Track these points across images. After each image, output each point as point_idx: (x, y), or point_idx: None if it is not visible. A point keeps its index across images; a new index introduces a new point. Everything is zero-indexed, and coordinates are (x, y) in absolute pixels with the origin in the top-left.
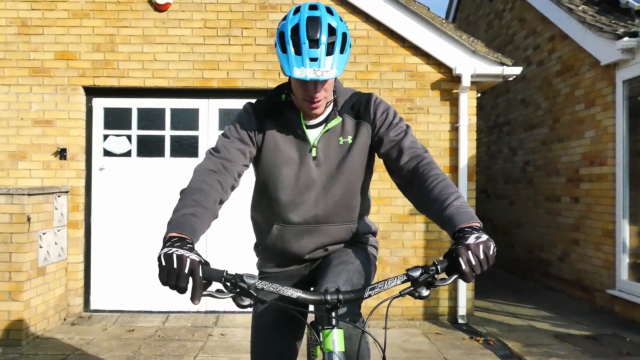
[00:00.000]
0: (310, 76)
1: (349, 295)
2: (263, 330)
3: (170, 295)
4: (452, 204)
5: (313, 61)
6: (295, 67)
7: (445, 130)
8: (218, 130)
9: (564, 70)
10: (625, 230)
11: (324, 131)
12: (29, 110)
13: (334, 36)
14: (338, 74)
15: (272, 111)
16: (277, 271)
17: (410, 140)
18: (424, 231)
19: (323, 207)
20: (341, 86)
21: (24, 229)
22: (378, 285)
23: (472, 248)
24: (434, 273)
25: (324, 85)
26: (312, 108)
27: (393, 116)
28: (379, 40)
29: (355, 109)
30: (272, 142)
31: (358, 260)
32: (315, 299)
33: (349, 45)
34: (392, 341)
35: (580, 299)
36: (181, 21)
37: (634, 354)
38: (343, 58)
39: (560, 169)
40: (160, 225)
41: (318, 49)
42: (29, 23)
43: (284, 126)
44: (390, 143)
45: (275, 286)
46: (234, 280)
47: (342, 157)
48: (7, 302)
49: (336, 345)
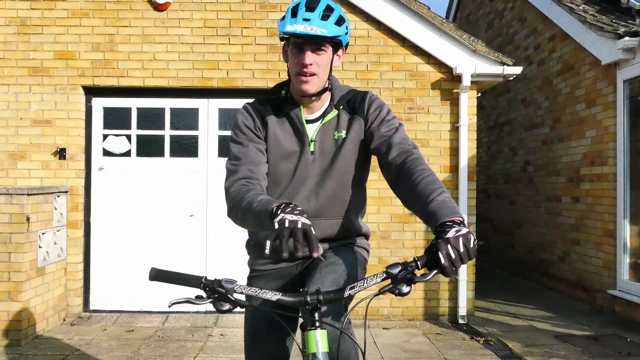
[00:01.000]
0: (300, 30)
1: (329, 296)
2: (255, 332)
3: (169, 296)
4: (436, 199)
5: (306, 21)
6: (288, 25)
7: (446, 130)
8: (218, 130)
9: (565, 70)
10: (626, 230)
11: (321, 125)
12: (28, 110)
13: (331, 12)
14: (328, 34)
15: (272, 107)
16: (268, 268)
17: (400, 136)
18: (424, 231)
19: (315, 201)
20: (338, 83)
21: (23, 229)
22: (358, 284)
23: (452, 242)
24: (412, 269)
25: (316, 58)
26: (302, 82)
27: (386, 113)
28: (379, 40)
29: (351, 104)
30: (274, 135)
31: (347, 261)
32: (295, 300)
33: (347, 28)
34: (392, 341)
35: (580, 299)
36: (181, 21)
37: (635, 354)
38: (337, 29)
39: (560, 169)
40: (160, 225)
41: (313, 13)
42: (29, 22)
43: (283, 121)
44: (381, 138)
45: (255, 290)
46: (212, 286)
47: (335, 151)
48: (7, 302)
49: (319, 346)
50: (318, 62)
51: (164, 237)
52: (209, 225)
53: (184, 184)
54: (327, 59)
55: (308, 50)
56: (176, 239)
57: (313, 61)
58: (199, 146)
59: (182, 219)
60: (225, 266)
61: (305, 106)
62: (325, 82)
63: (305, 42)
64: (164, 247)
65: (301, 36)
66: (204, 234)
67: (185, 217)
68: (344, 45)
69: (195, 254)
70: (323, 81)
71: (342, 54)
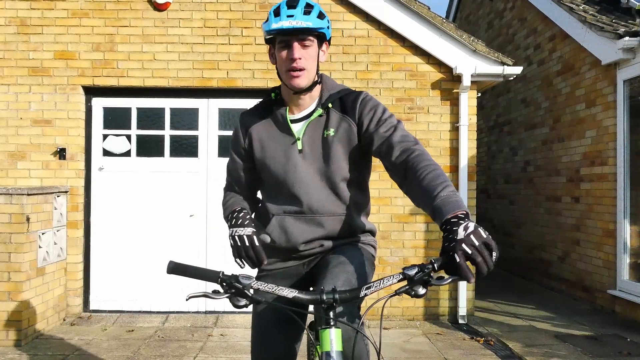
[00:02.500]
0: (285, 25)
1: (345, 295)
2: (262, 330)
3: (169, 296)
4: (439, 195)
5: (290, 17)
6: (273, 23)
7: (446, 130)
8: (218, 130)
9: (565, 70)
10: (626, 230)
11: (307, 124)
12: (28, 109)
13: (311, 8)
14: (313, 26)
15: (260, 112)
16: (276, 267)
17: (400, 134)
18: (424, 231)
19: (314, 199)
20: (332, 82)
21: (23, 229)
22: (374, 285)
23: (465, 240)
24: (429, 271)
25: (304, 52)
26: (293, 77)
27: (382, 112)
28: (379, 40)
29: (343, 103)
30: (259, 142)
31: (356, 260)
32: (311, 298)
33: (328, 22)
34: (392, 341)
35: (580, 299)
36: (181, 20)
37: (635, 354)
38: (319, 21)
39: (560, 169)
40: (160, 225)
41: (295, 10)
42: (28, 22)
43: (270, 124)
44: (381, 139)
45: (271, 286)
46: (229, 281)
47: (326, 149)
48: (7, 302)
49: (334, 345)
50: (306, 56)
51: (164, 237)
52: (209, 225)
53: (183, 184)
54: (314, 52)
55: (295, 45)
56: (176, 239)
57: (301, 55)
58: (199, 146)
59: (182, 219)
60: (225, 266)
61: (295, 105)
62: (314, 75)
63: (291, 38)
64: (164, 247)
65: (287, 32)
66: (204, 234)
67: (185, 217)
68: (327, 39)
69: (196, 254)
70: (312, 75)
71: (326, 49)
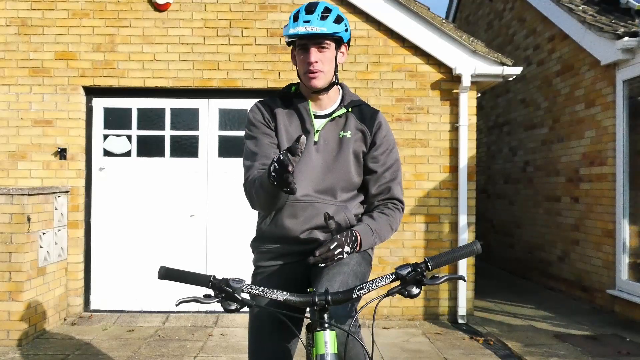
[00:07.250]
0: (301, 31)
1: (337, 297)
2: (259, 331)
3: (170, 295)
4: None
5: (306, 22)
6: (291, 29)
7: (445, 130)
8: (218, 131)
9: (564, 70)
10: (625, 230)
11: (329, 120)
12: (29, 110)
13: (329, 13)
14: (327, 31)
15: (281, 101)
16: (272, 264)
17: (396, 189)
18: (424, 231)
19: (317, 189)
20: (351, 91)
21: (23, 229)
22: (367, 285)
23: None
24: (422, 271)
25: (320, 56)
26: (311, 78)
27: (392, 144)
28: (379, 40)
29: (362, 113)
30: (283, 126)
31: (353, 261)
32: (303, 300)
33: (345, 25)
34: (392, 341)
35: (580, 299)
36: (181, 21)
37: (634, 354)
38: (335, 26)
39: (560, 169)
40: (160, 225)
41: (312, 15)
42: (29, 23)
43: (291, 113)
44: (379, 174)
45: (262, 289)
46: (220, 285)
47: (339, 148)
48: (7, 302)
49: (328, 347)
50: (322, 60)
51: (164, 237)
52: (209, 225)
53: (184, 184)
54: (331, 55)
55: (312, 49)
56: (176, 239)
57: (318, 59)
58: (199, 146)
59: (183, 219)
60: (225, 266)
61: (314, 102)
62: (331, 77)
63: (308, 42)
64: (164, 247)
65: (304, 37)
66: (204, 234)
67: (185, 217)
68: (346, 41)
69: (196, 254)
70: (330, 76)
71: (346, 50)
